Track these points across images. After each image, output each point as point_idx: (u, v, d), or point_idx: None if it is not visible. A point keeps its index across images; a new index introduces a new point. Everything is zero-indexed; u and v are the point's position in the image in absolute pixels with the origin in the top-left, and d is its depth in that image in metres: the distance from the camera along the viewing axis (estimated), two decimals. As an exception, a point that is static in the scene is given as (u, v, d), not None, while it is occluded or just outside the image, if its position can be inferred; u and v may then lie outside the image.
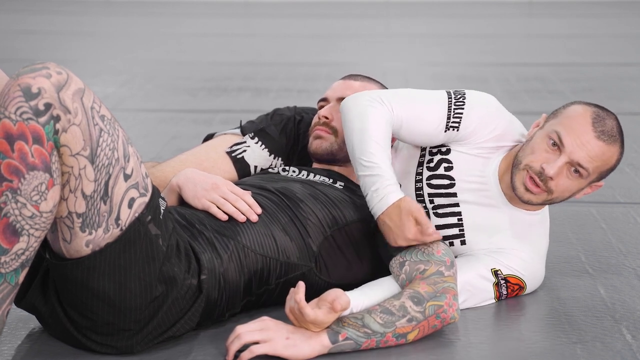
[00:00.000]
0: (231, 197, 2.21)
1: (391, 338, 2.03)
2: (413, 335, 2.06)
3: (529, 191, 2.22)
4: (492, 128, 2.31)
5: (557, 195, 2.24)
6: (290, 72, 5.97)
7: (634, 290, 2.41)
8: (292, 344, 1.98)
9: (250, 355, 1.97)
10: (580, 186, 2.24)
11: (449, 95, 2.32)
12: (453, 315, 2.08)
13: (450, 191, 2.34)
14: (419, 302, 2.05)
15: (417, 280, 2.10)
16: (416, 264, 2.14)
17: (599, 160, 2.20)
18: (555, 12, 9.94)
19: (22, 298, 2.03)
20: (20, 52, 6.89)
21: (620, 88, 5.46)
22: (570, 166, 2.20)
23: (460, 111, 2.30)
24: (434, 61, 6.56)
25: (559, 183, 2.21)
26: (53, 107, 1.77)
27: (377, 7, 10.40)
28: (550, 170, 2.19)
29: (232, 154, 2.50)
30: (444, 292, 2.08)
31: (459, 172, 2.33)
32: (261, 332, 1.99)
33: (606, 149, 2.21)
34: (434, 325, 2.07)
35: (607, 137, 2.21)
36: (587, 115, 2.21)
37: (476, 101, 2.32)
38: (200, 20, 9.24)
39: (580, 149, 2.18)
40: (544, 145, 2.21)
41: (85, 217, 1.86)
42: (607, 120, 2.22)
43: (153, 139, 4.15)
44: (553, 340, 2.11)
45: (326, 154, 2.46)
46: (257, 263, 2.16)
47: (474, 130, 2.31)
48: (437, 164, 2.36)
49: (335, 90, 2.52)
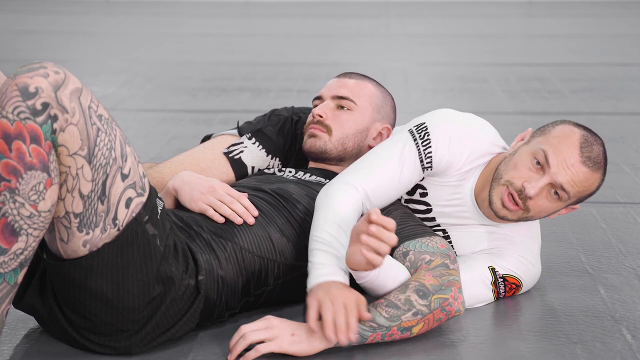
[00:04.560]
0: (227, 200, 2.20)
1: (396, 332, 2.04)
2: (418, 329, 2.06)
3: (506, 207, 2.20)
4: (460, 152, 2.25)
5: (532, 215, 2.21)
6: (290, 72, 5.97)
7: (634, 290, 2.40)
8: (297, 340, 1.98)
9: (257, 355, 1.96)
10: (557, 208, 2.22)
11: (412, 135, 2.25)
12: (458, 308, 2.07)
13: (429, 216, 2.34)
14: (424, 296, 2.04)
15: (423, 271, 2.10)
16: (421, 254, 2.14)
17: (581, 186, 2.17)
18: (555, 12, 9.94)
19: (20, 299, 2.03)
20: (20, 52, 6.89)
21: (620, 88, 5.45)
22: (552, 188, 2.17)
23: (429, 150, 2.24)
24: (434, 61, 6.55)
25: (537, 203, 2.18)
26: (50, 106, 1.77)
27: (377, 7, 10.41)
28: (531, 190, 2.15)
29: (229, 155, 2.50)
30: (449, 285, 2.07)
31: (434, 198, 2.32)
32: (266, 330, 1.98)
33: (590, 175, 2.17)
34: (439, 318, 2.06)
35: (593, 163, 2.16)
36: (576, 138, 2.17)
37: (439, 131, 2.24)
38: (200, 20, 9.24)
39: (565, 172, 2.15)
40: (527, 163, 2.18)
41: (83, 217, 1.86)
42: (595, 146, 2.17)
43: (153, 139, 4.14)
44: (553, 340, 2.11)
45: (320, 152, 2.45)
46: (254, 264, 2.16)
47: (447, 164, 2.25)
48: (413, 189, 2.34)
49: (330, 89, 2.52)
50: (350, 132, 2.47)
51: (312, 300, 1.97)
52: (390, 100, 2.55)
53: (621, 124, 4.45)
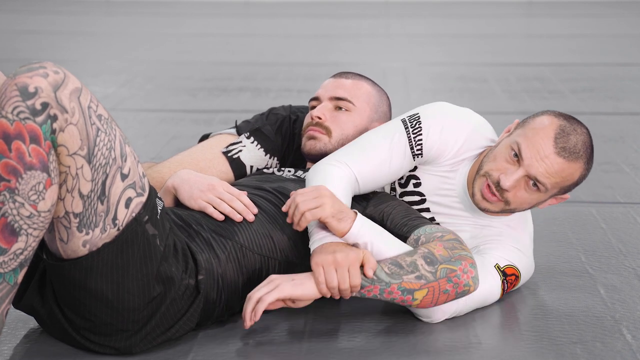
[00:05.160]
0: (227, 197, 2.20)
1: (396, 290, 2.04)
2: (421, 295, 2.05)
3: (485, 199, 2.20)
4: (452, 142, 2.27)
5: (515, 207, 2.22)
6: (290, 72, 5.97)
7: (634, 290, 2.40)
8: (299, 282, 2.04)
9: (264, 305, 2.01)
10: (540, 199, 2.21)
11: (405, 124, 2.28)
12: (467, 282, 2.06)
13: (423, 207, 2.34)
14: (431, 263, 2.05)
15: (435, 241, 2.10)
16: (433, 233, 2.14)
17: (557, 177, 2.16)
18: (555, 12, 9.94)
19: (20, 299, 2.03)
20: (20, 52, 6.89)
21: (620, 88, 5.45)
22: (529, 179, 2.17)
23: (420, 138, 2.26)
24: (434, 61, 6.55)
25: (516, 195, 2.18)
26: (50, 106, 1.77)
27: (377, 7, 10.40)
28: (505, 182, 2.16)
29: (228, 154, 2.50)
30: (459, 258, 2.06)
31: (428, 188, 2.33)
32: (268, 284, 2.04)
33: (566, 165, 2.15)
34: (445, 290, 2.05)
35: (569, 153, 2.15)
36: (551, 129, 2.16)
37: (431, 121, 2.26)
38: (200, 20, 9.24)
39: (539, 164, 2.14)
40: (505, 155, 2.18)
41: (83, 217, 1.85)
42: (572, 135, 2.16)
43: (153, 139, 4.14)
44: (553, 340, 2.11)
45: (320, 154, 2.45)
46: (255, 263, 2.15)
47: (438, 152, 2.27)
48: (407, 180, 2.35)
49: (327, 89, 2.51)
50: (350, 132, 2.47)
51: (317, 267, 2.03)
52: (386, 98, 2.56)
53: (621, 124, 4.44)
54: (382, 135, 2.29)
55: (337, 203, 2.08)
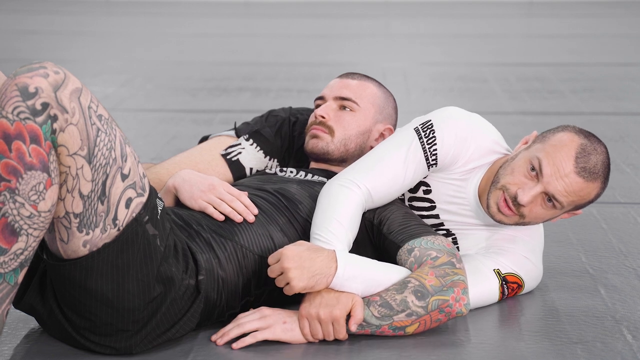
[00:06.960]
0: (227, 198, 2.20)
1: (387, 330, 2.05)
2: (413, 328, 2.06)
3: (501, 212, 2.19)
4: (465, 150, 2.25)
5: (529, 220, 2.21)
6: (290, 72, 5.97)
7: (634, 290, 2.40)
8: (289, 327, 2.06)
9: (253, 340, 2.04)
10: (554, 215, 2.21)
11: (418, 133, 2.25)
12: (460, 310, 2.06)
13: (432, 213, 2.34)
14: (422, 297, 2.04)
15: (427, 268, 2.08)
16: (427, 250, 2.13)
17: (575, 196, 2.16)
18: (555, 12, 9.94)
19: (20, 299, 2.03)
20: (20, 52, 6.89)
21: (620, 88, 5.45)
22: (545, 195, 2.16)
23: (435, 147, 2.24)
24: (434, 61, 6.55)
25: (532, 210, 2.18)
26: (50, 106, 1.77)
27: (377, 7, 10.40)
28: (523, 198, 2.15)
29: (227, 157, 2.50)
30: (452, 285, 2.06)
31: (438, 195, 2.32)
32: (260, 320, 2.06)
33: (585, 185, 2.15)
34: (437, 319, 2.06)
35: (588, 174, 2.14)
36: (573, 147, 2.15)
37: (445, 129, 2.24)
38: (200, 20, 9.24)
39: (558, 182, 2.13)
40: (523, 169, 2.17)
41: (83, 217, 1.85)
42: (593, 155, 2.15)
43: (153, 139, 4.14)
44: (553, 340, 2.11)
45: (322, 153, 2.45)
46: (255, 264, 2.15)
47: (451, 159, 2.25)
48: (417, 186, 2.34)
49: (332, 89, 2.51)
50: (353, 133, 2.47)
51: (302, 320, 2.05)
52: (392, 100, 2.55)
53: (621, 124, 4.44)
54: (396, 146, 2.25)
55: (306, 270, 2.02)
